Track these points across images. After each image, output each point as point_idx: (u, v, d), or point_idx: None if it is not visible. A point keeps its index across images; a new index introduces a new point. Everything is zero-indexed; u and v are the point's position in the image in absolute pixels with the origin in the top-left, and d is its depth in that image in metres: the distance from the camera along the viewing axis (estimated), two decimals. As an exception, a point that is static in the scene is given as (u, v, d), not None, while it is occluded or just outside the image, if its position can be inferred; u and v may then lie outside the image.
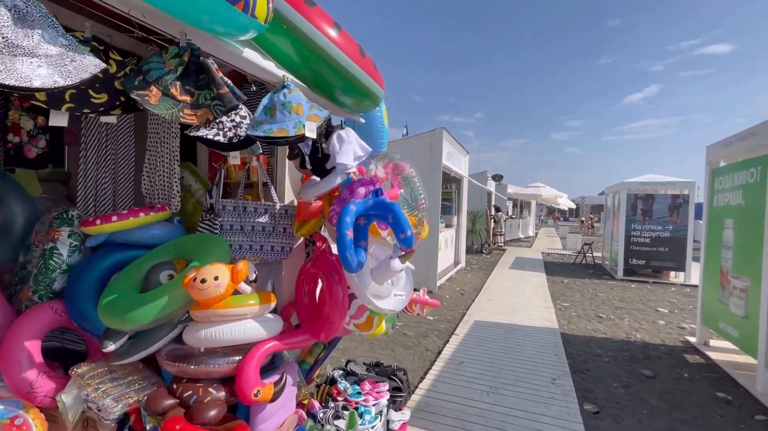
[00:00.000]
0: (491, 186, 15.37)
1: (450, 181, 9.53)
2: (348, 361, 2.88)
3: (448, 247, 8.79)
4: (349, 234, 1.69)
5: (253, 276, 1.85)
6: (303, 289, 2.19)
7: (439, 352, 4.04)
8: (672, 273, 9.10)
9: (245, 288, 1.63)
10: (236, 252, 1.99)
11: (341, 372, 2.74)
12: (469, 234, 13.18)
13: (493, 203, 16.05)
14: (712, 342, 4.36)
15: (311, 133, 1.44)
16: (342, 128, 1.95)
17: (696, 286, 8.32)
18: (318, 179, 2.02)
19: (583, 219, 26.72)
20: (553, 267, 10.52)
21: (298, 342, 2.00)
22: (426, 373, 3.53)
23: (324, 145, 1.86)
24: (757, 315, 3.27)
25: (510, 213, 22.72)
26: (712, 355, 4.04)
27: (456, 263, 9.57)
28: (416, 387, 3.22)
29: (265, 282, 2.25)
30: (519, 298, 6.60)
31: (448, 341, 4.34)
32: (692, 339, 4.57)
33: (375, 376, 2.72)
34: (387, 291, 2.04)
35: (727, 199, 3.91)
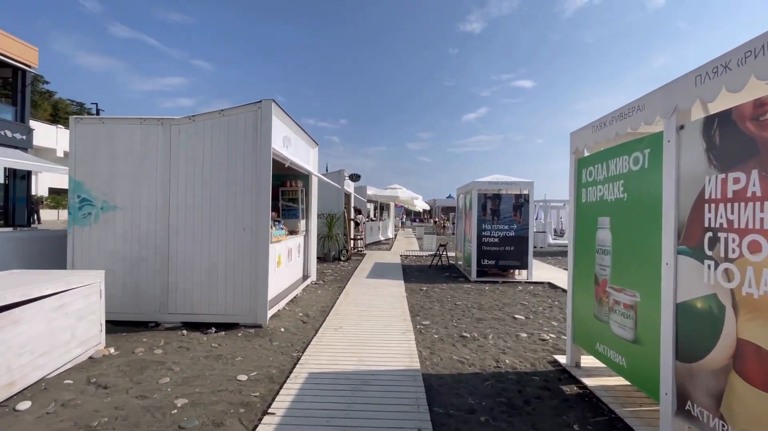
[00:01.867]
0: (350, 186, 14.26)
1: (295, 177, 7.80)
2: None
3: (293, 260, 7.03)
4: None
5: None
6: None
7: (231, 466, 2.25)
8: (516, 272, 9.35)
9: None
10: None
11: None
12: (325, 240, 11.69)
13: (352, 205, 15.00)
14: (583, 361, 3.73)
15: None
16: None
17: (539, 284, 8.69)
18: None
19: (437, 220, 28.60)
20: (411, 272, 9.84)
21: None
22: None
23: None
24: (652, 340, 2.52)
25: (371, 215, 22.36)
26: (588, 382, 3.33)
27: (305, 277, 7.88)
28: None
29: None
30: (374, 321, 5.30)
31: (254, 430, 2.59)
32: (562, 360, 3.90)
33: None
34: None
35: (601, 192, 3.25)
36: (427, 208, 22.91)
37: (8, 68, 15.80)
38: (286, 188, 7.66)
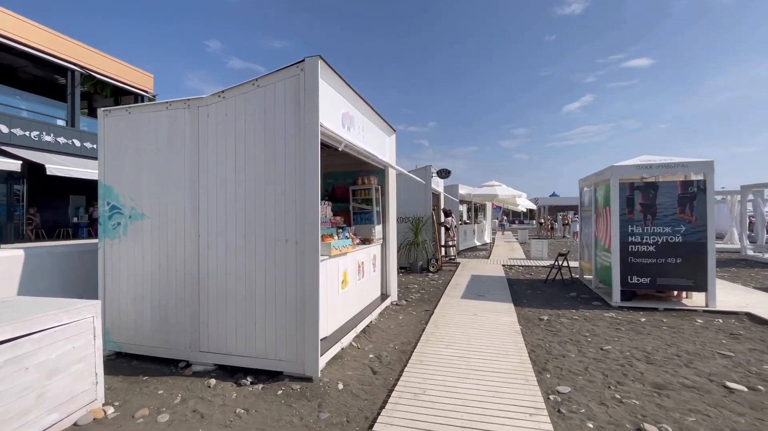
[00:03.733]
0: (439, 185, 12.47)
1: (368, 173, 6.33)
2: None
3: (365, 276, 5.53)
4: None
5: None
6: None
7: None
8: (683, 294, 6.47)
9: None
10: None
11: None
12: (411, 247, 10.08)
13: (442, 206, 13.17)
14: None
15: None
16: None
17: (730, 314, 5.40)
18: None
19: (542, 221, 24.90)
20: (521, 290, 7.59)
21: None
22: None
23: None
24: None
25: (464, 217, 20.16)
26: None
27: (383, 296, 6.34)
28: None
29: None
30: (476, 379, 3.43)
31: None
32: None
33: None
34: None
35: None
36: (533, 207, 19.66)
37: (130, 95, 17.76)
38: (357, 186, 6.23)
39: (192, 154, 3.86)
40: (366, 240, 5.83)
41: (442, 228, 12.43)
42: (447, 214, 12.98)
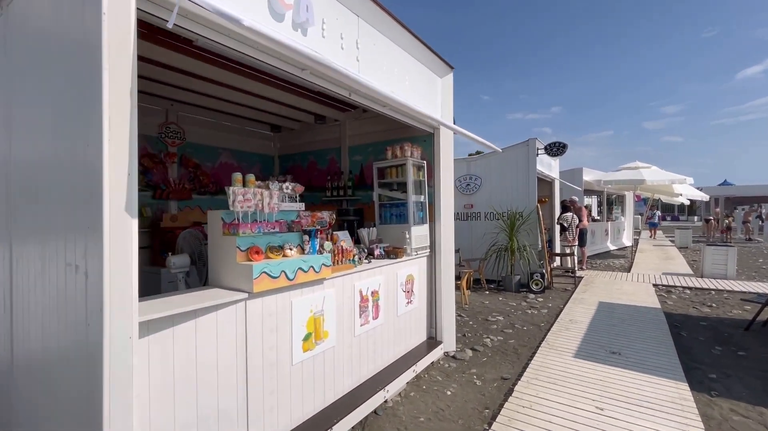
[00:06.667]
0: (551, 169, 9.09)
1: (401, 140, 3.90)
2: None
3: (379, 317, 3.16)
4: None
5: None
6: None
7: None
8: None
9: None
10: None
11: None
12: (504, 254, 7.17)
13: (557, 197, 9.71)
14: None
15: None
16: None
17: None
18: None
19: (712, 218, 18.03)
20: (699, 345, 4.15)
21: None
22: None
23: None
24: None
25: (594, 213, 15.58)
26: None
27: (431, 342, 3.85)
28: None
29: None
30: None
31: None
32: None
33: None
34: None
35: None
36: (702, 197, 13.65)
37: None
38: (386, 162, 3.85)
39: (4, 94, 2.11)
40: (394, 252, 3.45)
41: (559, 227, 9.02)
42: (566, 208, 9.41)
